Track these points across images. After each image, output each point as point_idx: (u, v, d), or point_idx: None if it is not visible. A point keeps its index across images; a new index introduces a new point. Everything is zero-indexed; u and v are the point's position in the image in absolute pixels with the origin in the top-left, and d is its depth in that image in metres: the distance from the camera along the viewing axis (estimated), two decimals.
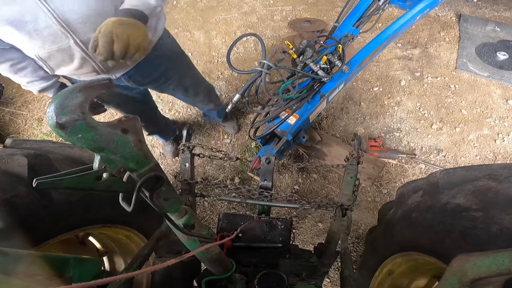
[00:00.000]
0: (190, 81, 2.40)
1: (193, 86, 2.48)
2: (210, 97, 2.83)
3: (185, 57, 2.30)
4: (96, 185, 0.71)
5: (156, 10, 1.66)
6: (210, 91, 2.80)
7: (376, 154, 3.32)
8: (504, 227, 1.04)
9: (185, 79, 2.35)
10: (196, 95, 2.59)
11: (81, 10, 1.48)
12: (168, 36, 2.06)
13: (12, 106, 4.18)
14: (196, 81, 2.48)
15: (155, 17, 1.81)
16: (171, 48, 2.09)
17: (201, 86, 2.59)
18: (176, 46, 2.16)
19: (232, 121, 3.68)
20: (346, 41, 2.76)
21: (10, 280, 0.85)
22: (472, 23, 4.58)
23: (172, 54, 2.11)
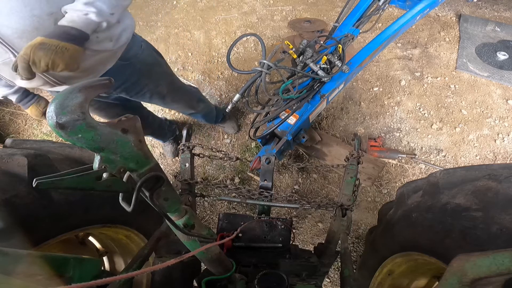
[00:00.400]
0: (166, 89, 2.33)
1: (171, 94, 2.41)
2: (190, 103, 2.76)
3: (160, 67, 2.22)
4: (96, 185, 0.71)
5: (102, 26, 1.57)
6: (190, 97, 2.74)
7: (376, 154, 3.32)
8: (504, 227, 1.04)
9: (161, 88, 2.29)
10: (174, 102, 2.54)
11: (16, 26, 1.42)
12: (140, 46, 2.01)
13: (12, 106, 4.17)
14: (173, 89, 2.42)
15: (118, 28, 1.74)
16: (143, 59, 2.03)
17: (179, 93, 2.53)
18: (149, 56, 2.09)
19: (231, 121, 3.67)
20: (346, 41, 2.76)
21: (10, 280, 0.85)
22: (472, 23, 4.58)
23: (144, 65, 2.06)
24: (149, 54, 2.10)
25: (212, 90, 4.10)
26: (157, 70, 2.17)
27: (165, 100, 2.42)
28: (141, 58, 2.01)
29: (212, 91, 4.09)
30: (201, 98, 2.95)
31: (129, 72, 1.98)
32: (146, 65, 2.06)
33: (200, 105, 2.92)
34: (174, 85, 2.42)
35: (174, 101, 2.52)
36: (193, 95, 2.81)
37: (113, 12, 1.57)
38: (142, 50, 2.02)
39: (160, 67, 2.22)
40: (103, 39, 1.65)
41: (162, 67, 2.24)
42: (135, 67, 2.00)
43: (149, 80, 2.13)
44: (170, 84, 2.35)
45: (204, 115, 3.14)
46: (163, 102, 2.46)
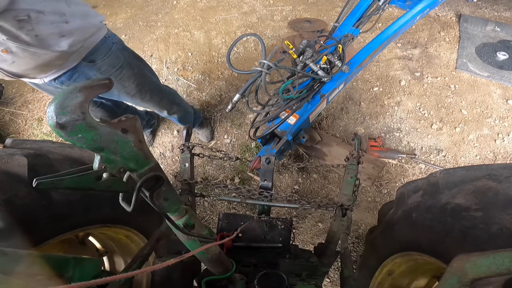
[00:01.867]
0: (134, 90, 2.35)
1: (140, 95, 2.43)
2: (162, 105, 2.77)
3: (130, 70, 2.23)
4: (96, 185, 0.71)
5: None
6: (162, 99, 2.75)
7: (376, 154, 3.32)
8: (504, 227, 1.04)
9: (129, 89, 2.32)
10: (144, 102, 2.55)
11: None
12: (109, 49, 2.04)
13: (12, 106, 4.18)
14: (143, 90, 2.43)
15: (82, 32, 1.81)
16: (110, 62, 2.06)
17: (149, 94, 2.52)
18: (117, 59, 2.11)
19: (207, 129, 3.70)
20: (346, 41, 2.77)
21: (10, 280, 0.85)
22: (472, 23, 4.58)
23: (111, 68, 2.09)
24: (119, 57, 2.11)
25: (212, 90, 4.10)
26: (125, 72, 2.18)
27: (134, 100, 2.45)
28: (107, 60, 2.04)
29: (212, 91, 4.09)
30: (175, 101, 2.95)
31: (94, 72, 2.02)
32: (113, 67, 2.09)
33: (174, 108, 2.93)
34: (144, 87, 2.41)
35: (144, 101, 2.52)
36: (167, 97, 2.82)
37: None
38: (111, 53, 2.04)
39: (131, 69, 2.23)
40: (48, 38, 1.69)
41: (133, 69, 2.24)
42: (100, 68, 2.03)
43: (116, 81, 2.15)
44: (139, 85, 2.35)
45: (179, 118, 3.15)
46: (132, 101, 2.50)
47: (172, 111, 2.93)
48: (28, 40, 1.62)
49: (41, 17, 1.62)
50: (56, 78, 1.94)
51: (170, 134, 3.80)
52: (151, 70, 2.57)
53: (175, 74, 4.33)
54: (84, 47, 1.89)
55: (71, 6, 1.79)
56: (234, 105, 2.24)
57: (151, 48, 4.72)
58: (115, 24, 5.20)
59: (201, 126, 3.62)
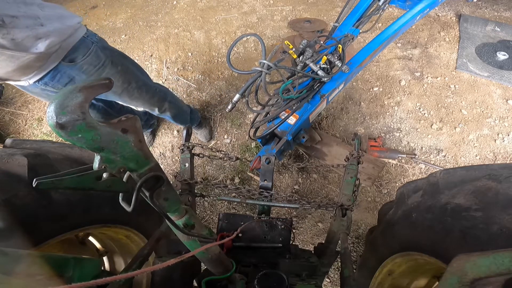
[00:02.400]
0: (120, 89, 2.36)
1: (127, 93, 2.43)
2: (151, 103, 2.78)
3: (113, 68, 2.24)
4: (96, 185, 0.71)
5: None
6: (152, 97, 2.73)
7: (376, 154, 3.32)
8: (504, 227, 1.04)
9: (115, 87, 2.30)
10: (132, 100, 2.55)
11: None
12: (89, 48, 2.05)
13: (12, 106, 4.18)
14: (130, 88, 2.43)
15: (42, 29, 1.81)
16: (90, 61, 2.07)
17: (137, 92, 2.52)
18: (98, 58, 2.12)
19: (206, 129, 3.71)
20: (346, 41, 2.76)
21: (10, 280, 0.85)
22: (472, 23, 4.58)
23: (92, 67, 2.10)
24: (99, 56, 2.12)
25: (212, 90, 4.10)
26: (108, 71, 2.20)
27: (122, 98, 2.46)
28: (88, 59, 2.05)
29: (212, 91, 4.09)
30: (166, 99, 2.93)
31: (76, 72, 2.04)
32: (94, 66, 2.10)
33: (164, 106, 2.91)
34: (131, 84, 2.43)
35: (133, 99, 2.53)
36: (157, 94, 2.80)
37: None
38: (91, 52, 2.06)
39: (114, 67, 2.24)
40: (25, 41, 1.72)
41: (116, 67, 2.26)
42: (81, 68, 2.04)
43: None
44: (125, 83, 2.36)
45: (173, 117, 3.13)
46: (121, 100, 2.50)
47: (163, 108, 2.92)
48: (5, 43, 1.65)
49: (15, 21, 1.65)
50: (40, 80, 1.96)
51: (170, 134, 3.80)
52: (139, 67, 2.57)
53: (175, 74, 4.33)
54: (62, 47, 1.92)
55: (45, 9, 1.83)
56: (234, 105, 2.23)
57: (151, 48, 4.72)
58: (115, 24, 5.20)
59: (199, 126, 3.64)
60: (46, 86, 2.01)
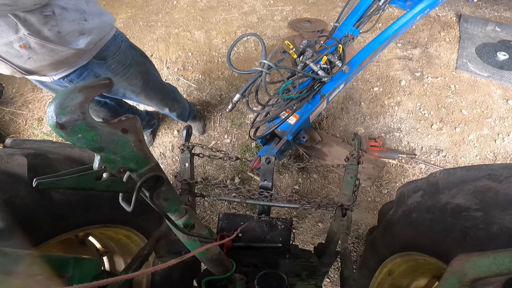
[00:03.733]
0: (140, 88, 2.42)
1: (145, 92, 2.48)
2: (165, 102, 2.85)
3: (138, 67, 2.29)
4: (96, 185, 0.71)
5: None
6: (165, 97, 2.82)
7: (376, 154, 3.32)
8: (504, 227, 1.04)
9: (135, 87, 2.36)
10: (148, 99, 2.60)
11: None
12: (119, 47, 2.08)
13: (12, 106, 4.18)
14: (148, 88, 2.49)
15: (86, 25, 1.80)
16: (119, 60, 2.10)
17: (153, 92, 2.60)
18: (126, 57, 2.16)
19: (200, 123, 3.74)
20: (347, 41, 2.76)
21: (10, 280, 0.85)
22: (472, 23, 4.58)
23: (119, 66, 2.13)
24: (127, 55, 2.16)
25: (212, 90, 4.10)
26: (133, 70, 2.24)
27: (138, 97, 2.49)
28: (117, 58, 2.08)
29: (212, 91, 4.09)
30: (176, 98, 3.01)
31: (103, 70, 2.05)
32: (122, 65, 2.13)
33: (175, 105, 3.00)
34: (149, 84, 2.48)
35: (148, 99, 2.57)
36: (169, 95, 2.88)
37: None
38: (120, 51, 2.08)
39: (138, 67, 2.28)
40: (68, 36, 1.71)
41: (140, 66, 2.30)
42: (109, 66, 2.06)
43: (123, 79, 2.21)
44: (145, 83, 2.40)
45: (178, 115, 3.22)
46: (137, 98, 2.52)
47: (173, 108, 2.99)
48: (50, 36, 1.63)
49: (64, 13, 1.64)
50: (66, 76, 1.94)
51: (170, 134, 3.80)
52: (154, 67, 2.60)
53: (175, 74, 4.33)
54: (97, 45, 1.93)
55: (89, 4, 1.81)
56: (234, 105, 2.23)
57: (151, 48, 4.72)
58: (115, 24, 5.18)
59: (194, 119, 3.67)
60: (70, 83, 2.00)
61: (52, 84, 2.04)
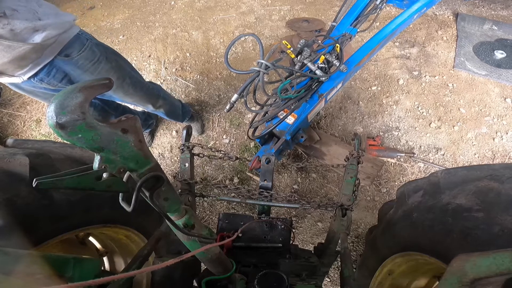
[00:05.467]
0: (115, 85, 2.41)
1: (121, 89, 2.51)
2: (146, 99, 2.84)
3: (108, 63, 2.31)
4: (96, 185, 0.71)
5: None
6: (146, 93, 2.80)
7: (375, 153, 3.32)
8: (506, 228, 1.04)
9: None
10: (127, 96, 2.63)
11: None
12: (83, 44, 2.12)
13: (10, 108, 4.17)
14: (124, 84, 2.51)
15: (40, 22, 1.89)
16: (85, 56, 2.14)
17: (131, 88, 2.60)
18: (93, 54, 2.19)
19: (198, 123, 3.74)
20: (344, 41, 2.76)
21: (10, 280, 0.85)
22: (469, 21, 4.59)
23: (87, 62, 2.17)
24: (94, 51, 2.20)
25: (210, 90, 4.10)
26: (103, 66, 2.27)
27: (116, 94, 2.53)
28: (83, 55, 2.13)
29: (210, 91, 4.09)
30: (160, 95, 3.01)
31: (71, 67, 2.11)
32: (89, 61, 2.17)
33: (159, 102, 3.00)
34: (125, 80, 2.50)
35: (127, 95, 2.60)
36: (151, 91, 2.87)
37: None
38: (86, 48, 2.14)
39: (108, 63, 2.32)
40: (23, 33, 1.80)
41: (110, 63, 2.34)
42: (77, 63, 2.11)
43: (93, 75, 2.24)
44: (119, 79, 2.43)
45: (166, 113, 3.20)
46: (116, 96, 2.56)
47: (158, 105, 2.99)
48: (3, 33, 1.73)
49: (15, 14, 1.75)
50: (35, 75, 2.01)
51: (169, 135, 3.80)
52: (131, 66, 2.64)
53: (173, 74, 4.33)
54: (58, 41, 1.99)
55: (42, 6, 1.94)
56: (233, 105, 2.23)
57: (149, 48, 4.72)
58: (112, 24, 5.19)
59: (191, 120, 3.67)
60: (41, 82, 2.06)
61: (26, 85, 2.11)
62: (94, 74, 2.23)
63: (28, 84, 2.09)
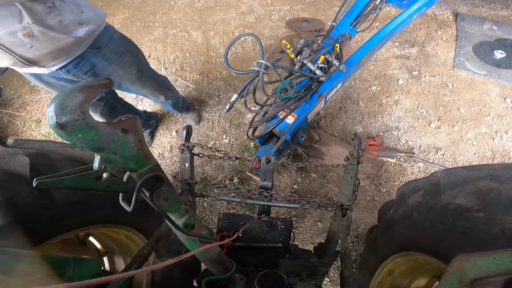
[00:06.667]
0: (135, 76, 2.53)
1: (140, 81, 2.61)
2: (159, 91, 2.96)
3: (130, 56, 2.39)
4: (96, 185, 0.71)
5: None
6: (160, 85, 2.94)
7: (375, 153, 3.32)
8: (506, 228, 1.03)
9: (130, 75, 2.49)
10: (143, 88, 2.73)
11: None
12: (111, 37, 2.19)
13: (10, 108, 4.17)
14: (142, 76, 2.61)
15: (82, 16, 1.92)
16: (112, 49, 2.21)
17: (148, 80, 2.72)
18: (119, 46, 2.27)
19: (194, 113, 3.80)
20: (344, 40, 2.76)
21: (10, 279, 0.85)
22: (469, 21, 4.59)
23: (113, 54, 2.24)
24: (120, 44, 2.28)
25: (210, 90, 4.10)
26: (127, 59, 2.35)
27: (134, 86, 2.60)
28: (111, 47, 2.20)
29: (210, 91, 4.09)
30: (169, 87, 3.14)
31: (98, 59, 2.16)
32: (116, 54, 2.25)
33: (169, 93, 3.13)
34: (143, 73, 2.61)
35: (144, 87, 2.71)
36: (163, 83, 3.01)
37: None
38: (113, 41, 2.21)
39: (131, 56, 2.40)
40: (69, 25, 1.84)
41: (133, 56, 2.43)
42: (104, 55, 2.18)
43: (118, 67, 2.32)
44: (139, 71, 2.53)
45: (173, 104, 3.31)
46: (133, 87, 2.63)
47: (168, 96, 3.10)
48: (53, 24, 1.75)
49: (63, 5, 1.78)
50: (63, 67, 2.03)
51: (168, 135, 3.80)
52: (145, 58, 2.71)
53: (173, 74, 4.33)
54: (92, 35, 2.04)
55: (81, 0, 1.96)
56: (232, 105, 2.23)
57: (149, 48, 4.72)
58: (112, 24, 5.14)
59: (188, 110, 3.72)
60: (67, 73, 2.09)
61: (48, 76, 2.15)
62: (119, 66, 2.31)
63: (51, 75, 2.12)
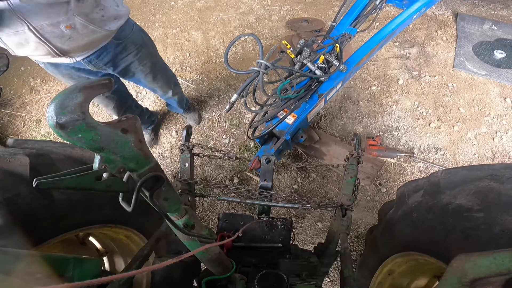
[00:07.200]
0: (149, 69, 2.59)
1: (152, 73, 2.66)
2: (169, 85, 3.01)
3: (147, 49, 2.46)
4: (96, 185, 0.71)
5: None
6: (169, 79, 3.00)
7: (375, 153, 3.32)
8: (506, 228, 1.03)
9: (145, 67, 2.53)
10: (155, 80, 2.77)
11: (33, 1, 1.60)
12: (131, 29, 2.27)
13: (10, 108, 4.17)
14: (155, 69, 2.67)
15: (118, 11, 2.04)
16: (132, 40, 2.28)
17: (160, 73, 2.78)
18: (138, 38, 2.34)
19: (194, 113, 3.81)
20: (344, 40, 2.76)
21: (10, 279, 0.85)
22: (469, 21, 4.59)
23: (133, 46, 2.31)
24: (139, 36, 2.36)
25: (210, 90, 4.10)
26: (144, 51, 2.42)
27: (146, 78, 2.65)
28: (131, 39, 2.28)
29: (210, 91, 4.09)
30: (176, 83, 3.20)
31: (119, 50, 2.24)
32: (134, 45, 2.33)
33: (177, 88, 3.21)
34: (156, 66, 2.68)
35: (155, 80, 2.77)
36: (172, 78, 3.08)
37: None
38: (133, 32, 2.29)
39: (148, 48, 2.48)
40: (107, 19, 1.94)
41: (149, 48, 2.50)
42: (125, 46, 2.26)
43: (135, 58, 2.39)
44: (153, 64, 2.60)
45: (179, 101, 3.36)
46: (145, 80, 2.67)
47: (175, 91, 3.16)
48: (96, 18, 1.86)
49: (106, 0, 1.91)
50: (86, 57, 2.09)
51: (168, 135, 3.80)
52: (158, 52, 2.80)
53: None
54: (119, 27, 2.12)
55: None
56: (232, 105, 2.23)
57: None
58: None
59: (188, 110, 3.73)
60: (88, 64, 2.15)
61: (68, 67, 2.20)
62: (136, 57, 2.37)
63: (70, 65, 2.17)
